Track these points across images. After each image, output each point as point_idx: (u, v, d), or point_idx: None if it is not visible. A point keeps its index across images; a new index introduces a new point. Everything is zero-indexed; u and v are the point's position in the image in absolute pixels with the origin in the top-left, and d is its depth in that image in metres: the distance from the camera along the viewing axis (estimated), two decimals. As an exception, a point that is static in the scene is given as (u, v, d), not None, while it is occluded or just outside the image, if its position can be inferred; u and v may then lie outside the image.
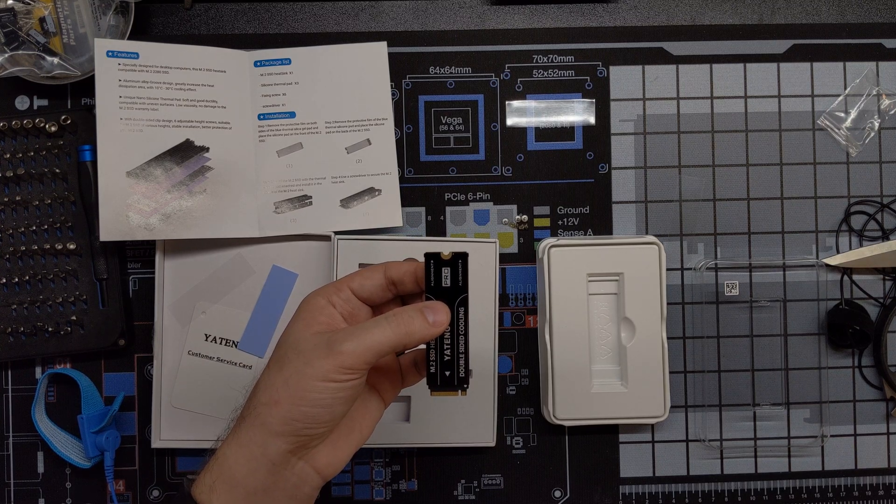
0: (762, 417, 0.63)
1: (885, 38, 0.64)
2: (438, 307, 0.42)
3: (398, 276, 0.44)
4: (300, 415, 0.40)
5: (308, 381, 0.40)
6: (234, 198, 0.60)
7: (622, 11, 0.64)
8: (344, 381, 0.40)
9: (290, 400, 0.40)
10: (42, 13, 0.58)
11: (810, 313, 0.63)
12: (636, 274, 0.59)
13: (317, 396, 0.40)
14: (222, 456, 0.42)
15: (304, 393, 0.40)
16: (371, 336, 0.40)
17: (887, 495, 0.63)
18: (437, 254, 0.43)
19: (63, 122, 0.60)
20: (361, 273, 0.45)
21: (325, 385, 0.40)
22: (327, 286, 0.44)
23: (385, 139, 0.61)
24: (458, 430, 0.60)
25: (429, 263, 0.43)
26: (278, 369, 0.41)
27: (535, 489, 0.62)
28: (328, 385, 0.40)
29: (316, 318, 0.42)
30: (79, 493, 0.61)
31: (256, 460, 0.41)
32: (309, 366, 0.40)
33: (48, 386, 0.61)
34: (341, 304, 0.43)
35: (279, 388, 0.41)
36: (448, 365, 0.43)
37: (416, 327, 0.41)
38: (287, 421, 0.40)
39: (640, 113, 0.63)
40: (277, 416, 0.40)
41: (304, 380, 0.40)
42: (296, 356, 0.41)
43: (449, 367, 0.43)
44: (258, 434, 0.41)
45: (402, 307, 0.42)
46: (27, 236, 0.60)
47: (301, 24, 0.63)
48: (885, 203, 0.64)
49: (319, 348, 0.40)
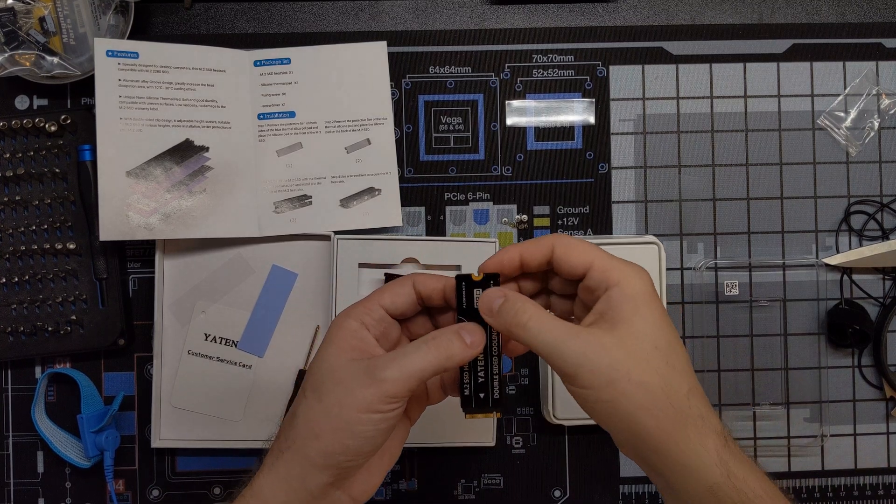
0: (762, 417, 0.63)
1: (885, 38, 0.64)
2: (474, 329, 0.41)
3: (427, 293, 0.43)
4: (342, 448, 0.39)
5: (350, 412, 0.39)
6: (233, 198, 0.60)
7: (622, 11, 0.64)
8: (387, 412, 0.39)
9: (332, 433, 0.39)
10: (42, 13, 0.58)
11: (810, 313, 0.63)
12: (636, 274, 0.59)
13: (360, 429, 0.39)
14: (258, 488, 0.40)
15: (347, 425, 0.39)
16: (412, 362, 0.39)
17: (887, 495, 0.63)
18: (468, 275, 0.42)
19: (63, 121, 0.60)
20: (390, 289, 0.43)
21: (369, 417, 0.39)
22: (358, 307, 0.42)
23: (385, 139, 0.61)
24: (458, 430, 0.60)
25: (460, 286, 0.42)
26: (317, 399, 0.40)
27: (534, 489, 0.62)
28: (371, 416, 0.39)
29: (349, 342, 0.41)
30: (78, 493, 0.61)
31: (295, 493, 0.40)
32: (350, 396, 0.39)
33: (48, 386, 0.61)
34: (373, 325, 0.42)
35: (320, 420, 0.39)
36: (482, 387, 0.43)
37: (455, 350, 0.40)
38: (328, 455, 0.39)
39: (640, 112, 0.63)
40: (318, 450, 0.39)
41: (346, 411, 0.39)
42: (335, 386, 0.39)
43: (483, 389, 0.43)
44: (297, 468, 0.40)
45: (439, 330, 0.41)
46: (27, 236, 0.60)
47: (301, 23, 0.63)
48: (885, 203, 0.64)
49: (359, 377, 0.39)
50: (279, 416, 0.60)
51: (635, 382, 0.38)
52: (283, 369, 0.61)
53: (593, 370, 0.38)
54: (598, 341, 0.38)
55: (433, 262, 0.60)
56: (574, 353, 0.38)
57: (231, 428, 0.60)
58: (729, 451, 0.39)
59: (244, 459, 0.61)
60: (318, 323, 0.61)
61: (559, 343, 0.38)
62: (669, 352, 0.39)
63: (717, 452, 0.38)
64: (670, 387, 0.38)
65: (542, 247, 0.42)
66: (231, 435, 0.60)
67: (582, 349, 0.38)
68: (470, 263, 0.60)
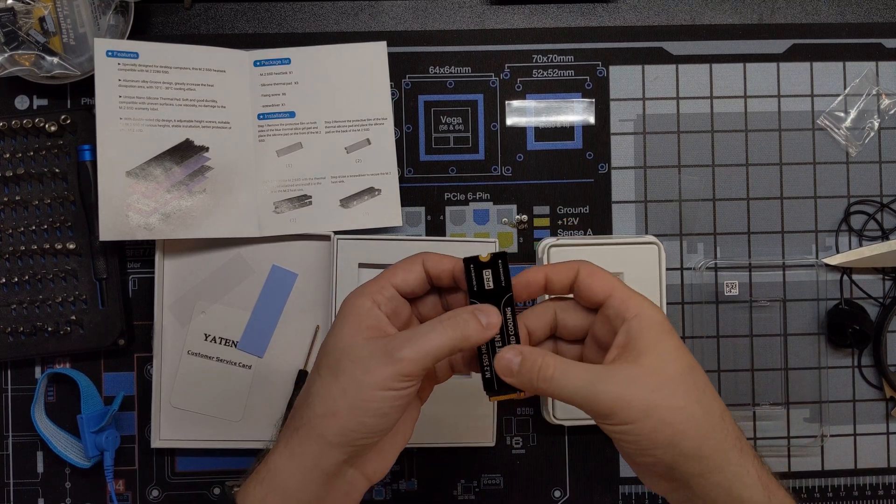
0: (762, 417, 0.63)
1: (885, 38, 0.64)
2: (489, 309, 0.41)
3: (436, 273, 0.43)
4: (358, 425, 0.40)
5: (367, 390, 0.39)
6: (233, 198, 0.60)
7: (622, 11, 0.64)
8: (402, 389, 0.39)
9: (349, 411, 0.39)
10: (42, 13, 0.58)
11: (810, 313, 0.63)
12: (636, 274, 0.59)
13: (376, 406, 0.39)
14: (274, 468, 0.41)
15: (364, 403, 0.39)
16: (429, 341, 0.39)
17: (887, 495, 0.63)
18: (476, 257, 0.42)
19: (63, 121, 0.60)
20: (402, 268, 0.43)
21: (385, 394, 0.39)
22: (370, 285, 0.43)
23: (385, 139, 0.61)
24: (458, 430, 0.60)
25: (468, 268, 0.42)
26: (333, 377, 0.40)
27: (534, 489, 0.62)
28: (387, 394, 0.39)
29: (364, 321, 0.41)
30: (78, 493, 0.61)
31: (310, 472, 0.40)
32: (368, 374, 0.39)
33: (48, 386, 0.61)
34: (385, 303, 0.42)
35: (337, 398, 0.40)
36: None
37: (471, 331, 0.40)
38: (345, 432, 0.40)
39: (640, 113, 0.63)
40: (335, 428, 0.40)
41: (363, 389, 0.39)
42: (352, 365, 0.40)
43: None
44: (313, 446, 0.40)
45: (455, 311, 0.41)
46: (27, 236, 0.60)
47: (301, 23, 0.63)
48: (885, 203, 0.64)
49: (376, 356, 0.39)
50: (279, 416, 0.60)
51: (673, 408, 0.38)
52: (283, 369, 0.61)
53: (629, 405, 0.38)
54: (628, 375, 0.38)
55: (433, 262, 0.60)
56: (607, 394, 0.38)
57: (231, 428, 0.60)
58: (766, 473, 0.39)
59: (244, 459, 0.61)
60: (318, 323, 0.61)
61: (590, 387, 0.38)
62: (697, 376, 0.40)
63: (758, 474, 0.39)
64: (706, 410, 0.39)
65: (568, 269, 0.42)
66: (231, 435, 0.60)
67: (614, 388, 0.38)
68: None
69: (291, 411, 0.43)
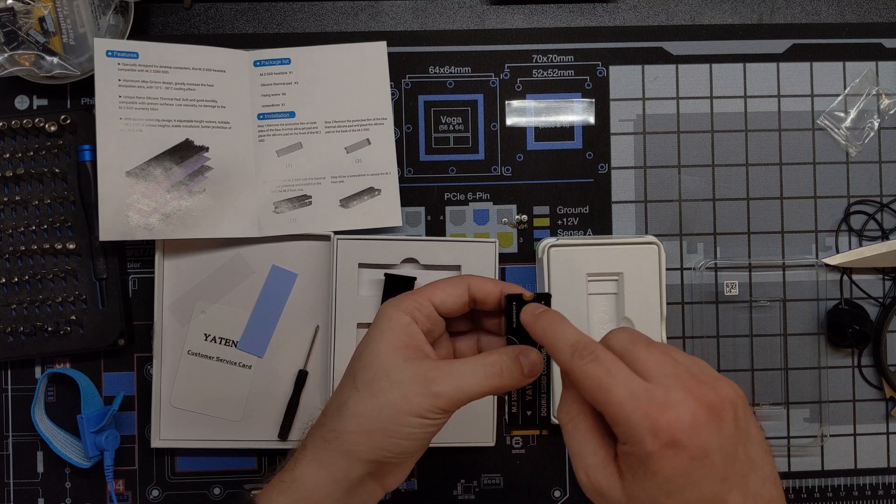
0: (762, 417, 0.63)
1: (885, 38, 0.64)
2: (534, 357, 0.41)
3: (482, 297, 0.44)
4: (391, 446, 0.41)
5: (404, 416, 0.40)
6: (233, 198, 0.60)
7: (622, 11, 0.64)
8: (437, 419, 0.41)
9: (384, 432, 0.40)
10: (42, 13, 0.58)
11: (810, 313, 0.63)
12: (636, 274, 0.59)
13: (410, 431, 0.40)
14: (300, 477, 0.42)
15: (398, 428, 0.40)
16: (468, 385, 0.40)
17: (887, 495, 0.63)
18: (519, 295, 0.42)
19: (63, 121, 0.60)
20: (443, 287, 0.44)
21: (421, 421, 0.40)
22: (408, 299, 0.43)
23: (385, 139, 0.61)
24: (458, 430, 0.60)
25: (510, 305, 0.42)
26: (370, 395, 0.41)
27: (534, 489, 0.62)
28: (423, 422, 0.40)
29: (402, 339, 0.42)
30: (78, 493, 0.61)
31: (337, 483, 0.41)
32: (405, 401, 0.40)
33: (48, 386, 0.61)
34: (423, 321, 0.43)
35: (373, 418, 0.41)
36: (529, 404, 0.43)
37: (513, 380, 0.41)
38: (376, 451, 0.41)
39: (640, 113, 0.63)
40: (367, 446, 0.41)
41: (400, 415, 0.40)
42: (390, 386, 0.41)
43: (530, 407, 0.43)
44: (343, 460, 0.41)
45: (498, 352, 0.42)
46: (27, 236, 0.60)
47: (301, 23, 0.63)
48: (885, 203, 0.64)
49: (416, 384, 0.40)
50: (279, 416, 0.60)
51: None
52: (283, 369, 0.61)
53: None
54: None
55: (433, 263, 0.60)
56: None
57: (231, 428, 0.60)
58: None
59: (244, 459, 0.61)
60: (317, 323, 0.61)
61: None
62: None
63: None
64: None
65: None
66: (231, 435, 0.60)
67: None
68: (470, 264, 0.60)
69: (320, 418, 0.43)
